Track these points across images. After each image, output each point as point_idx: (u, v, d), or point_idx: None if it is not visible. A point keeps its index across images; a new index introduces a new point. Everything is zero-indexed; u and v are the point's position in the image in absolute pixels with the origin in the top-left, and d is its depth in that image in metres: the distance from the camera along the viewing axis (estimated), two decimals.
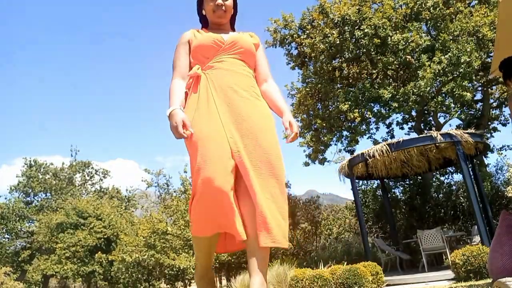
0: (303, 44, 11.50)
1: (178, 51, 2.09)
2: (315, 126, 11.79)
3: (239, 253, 12.41)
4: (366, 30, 9.94)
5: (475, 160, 10.10)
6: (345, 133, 12.30)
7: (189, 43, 2.08)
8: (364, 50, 10.36)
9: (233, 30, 2.29)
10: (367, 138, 12.25)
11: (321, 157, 12.28)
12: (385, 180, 11.14)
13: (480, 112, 12.44)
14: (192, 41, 2.07)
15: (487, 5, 10.40)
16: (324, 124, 11.41)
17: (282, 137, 12.51)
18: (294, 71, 12.59)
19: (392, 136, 12.90)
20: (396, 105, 10.11)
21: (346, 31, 10.35)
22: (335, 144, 12.38)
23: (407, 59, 10.02)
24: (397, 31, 10.18)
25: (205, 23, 2.26)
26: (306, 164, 12.49)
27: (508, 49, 3.93)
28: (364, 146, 13.04)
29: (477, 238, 7.89)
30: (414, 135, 12.50)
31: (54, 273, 18.37)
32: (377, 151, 8.10)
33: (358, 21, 10.19)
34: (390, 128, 12.99)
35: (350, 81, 12.32)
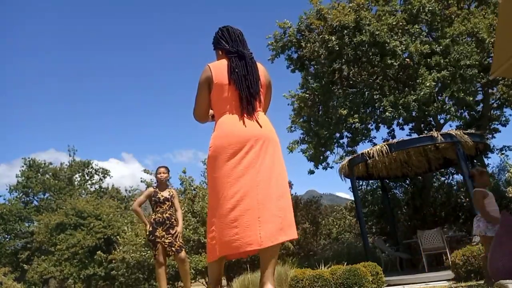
0: (302, 47, 11.45)
1: None
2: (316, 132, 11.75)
3: None
4: (364, 39, 9.90)
5: (475, 161, 10.09)
6: (345, 133, 12.28)
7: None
8: (363, 54, 10.32)
9: None
10: (368, 142, 12.26)
11: (322, 157, 12.26)
12: (385, 180, 11.15)
13: (480, 113, 12.42)
14: None
15: (486, 7, 10.36)
16: (324, 132, 11.35)
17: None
18: (294, 79, 12.57)
19: (393, 137, 12.89)
20: (397, 114, 10.09)
21: (345, 35, 10.30)
22: (336, 147, 12.37)
23: (406, 61, 9.99)
24: (396, 36, 10.12)
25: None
26: (311, 172, 12.46)
27: (508, 50, 3.93)
28: (364, 147, 13.02)
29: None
30: (414, 135, 12.49)
31: (53, 276, 18.29)
32: (377, 151, 8.10)
33: (356, 27, 10.14)
34: (391, 129, 12.98)
35: (350, 82, 12.30)
